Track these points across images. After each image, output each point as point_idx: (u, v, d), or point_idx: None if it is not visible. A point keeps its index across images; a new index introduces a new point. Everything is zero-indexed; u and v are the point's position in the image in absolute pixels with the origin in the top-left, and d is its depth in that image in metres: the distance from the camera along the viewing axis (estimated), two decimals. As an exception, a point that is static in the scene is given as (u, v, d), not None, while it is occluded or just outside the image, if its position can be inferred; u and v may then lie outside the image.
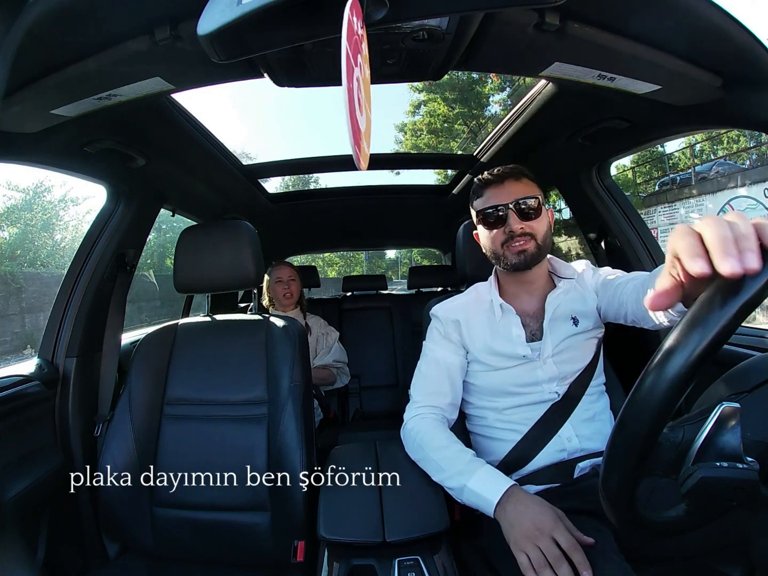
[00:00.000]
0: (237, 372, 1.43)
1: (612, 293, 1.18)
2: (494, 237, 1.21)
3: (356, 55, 0.64)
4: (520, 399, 1.20)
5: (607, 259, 1.82)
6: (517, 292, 1.29)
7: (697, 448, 0.59)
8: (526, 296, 1.28)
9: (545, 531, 0.90)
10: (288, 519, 1.27)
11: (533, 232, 1.18)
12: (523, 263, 1.19)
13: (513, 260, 1.19)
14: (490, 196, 1.21)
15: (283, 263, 2.71)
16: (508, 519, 0.95)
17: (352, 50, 0.62)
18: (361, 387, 2.98)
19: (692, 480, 0.58)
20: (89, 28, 0.84)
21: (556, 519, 0.93)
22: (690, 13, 0.84)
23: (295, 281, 2.62)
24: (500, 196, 1.19)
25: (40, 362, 1.54)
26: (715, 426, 0.60)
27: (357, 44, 0.65)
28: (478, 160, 2.14)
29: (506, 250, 1.19)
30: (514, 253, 1.18)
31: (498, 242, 1.20)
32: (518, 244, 1.18)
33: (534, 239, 1.18)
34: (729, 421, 0.60)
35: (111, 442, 1.37)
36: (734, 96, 1.04)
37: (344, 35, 0.59)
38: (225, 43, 0.72)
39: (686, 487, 0.59)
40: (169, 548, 1.34)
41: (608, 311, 1.22)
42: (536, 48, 1.00)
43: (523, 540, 0.90)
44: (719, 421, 0.60)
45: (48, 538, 1.37)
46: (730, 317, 0.47)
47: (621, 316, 1.17)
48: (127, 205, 1.70)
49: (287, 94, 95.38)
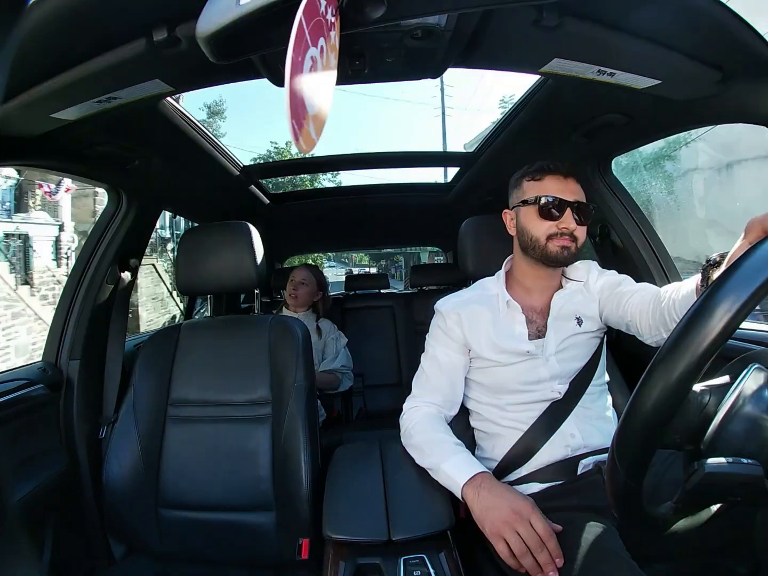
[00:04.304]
0: (241, 373, 1.44)
1: (617, 301, 1.19)
2: (543, 227, 1.19)
3: (316, 36, 0.63)
4: (523, 396, 1.20)
5: (611, 258, 1.81)
6: (532, 287, 1.28)
7: (725, 411, 0.59)
8: (538, 291, 1.28)
9: (524, 516, 0.91)
10: (293, 518, 1.27)
11: (579, 236, 1.19)
12: (563, 260, 1.19)
13: (554, 253, 1.18)
14: (552, 186, 1.19)
15: (305, 266, 2.71)
16: (482, 503, 0.97)
17: (310, 27, 0.61)
18: (364, 386, 2.97)
19: (697, 476, 0.58)
20: (88, 32, 0.85)
21: (533, 505, 0.94)
22: (689, 8, 0.84)
23: (306, 285, 2.60)
24: (564, 191, 1.18)
25: (43, 365, 1.54)
26: (743, 389, 0.60)
27: (320, 26, 0.64)
28: (478, 158, 2.13)
29: (550, 242, 1.18)
30: (558, 246, 1.18)
31: (545, 233, 1.19)
32: (564, 241, 1.18)
33: (576, 242, 1.19)
34: (758, 383, 0.60)
35: (116, 444, 1.37)
36: (734, 91, 1.03)
37: (302, 8, 0.58)
38: (224, 43, 0.72)
39: (691, 483, 0.59)
40: (175, 549, 1.34)
41: (609, 317, 1.22)
42: (535, 44, 1.00)
43: (502, 525, 0.91)
44: (748, 383, 0.60)
45: (54, 539, 1.38)
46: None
47: (622, 325, 1.19)
48: (128, 208, 1.70)
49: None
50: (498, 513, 0.93)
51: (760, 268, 0.53)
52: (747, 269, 0.54)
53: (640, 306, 1.11)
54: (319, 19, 0.63)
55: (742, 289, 0.52)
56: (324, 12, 0.64)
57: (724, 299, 0.52)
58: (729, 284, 0.54)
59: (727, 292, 0.53)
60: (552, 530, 0.90)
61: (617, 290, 1.21)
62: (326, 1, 0.64)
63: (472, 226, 1.51)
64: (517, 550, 0.88)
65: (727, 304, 0.52)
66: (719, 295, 0.53)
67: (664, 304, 1.02)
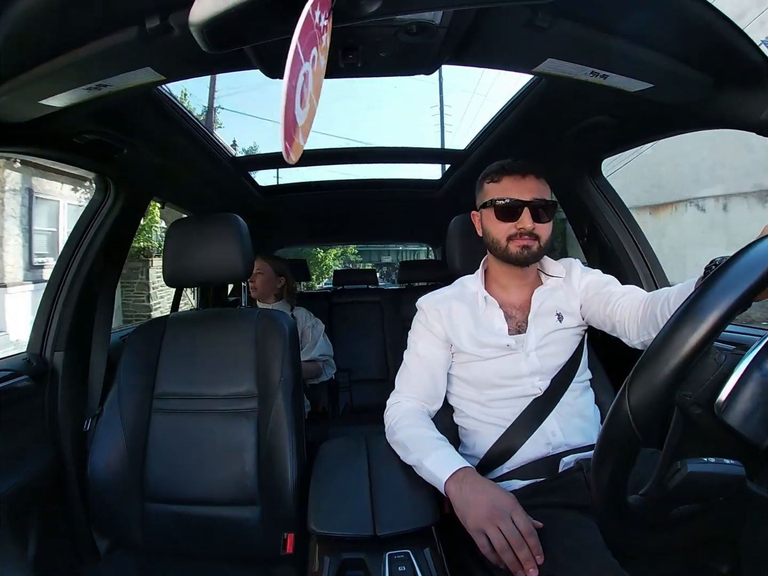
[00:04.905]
0: (227, 366, 1.43)
1: (604, 300, 1.20)
2: (502, 229, 1.20)
3: (309, 49, 0.63)
4: (504, 392, 1.21)
5: (599, 259, 1.83)
6: (507, 284, 1.30)
7: (741, 373, 0.60)
8: (515, 289, 1.29)
9: (506, 512, 0.92)
10: (278, 513, 1.27)
11: (541, 234, 1.19)
12: (524, 260, 1.20)
13: (515, 254, 1.19)
14: (509, 187, 1.20)
15: (257, 255, 2.60)
16: (464, 498, 0.97)
17: (304, 46, 0.61)
18: (351, 381, 2.99)
19: (680, 475, 0.59)
20: (79, 18, 0.83)
21: (515, 501, 0.95)
22: (683, 12, 0.84)
23: (262, 275, 2.52)
24: (520, 191, 1.18)
25: (28, 356, 1.52)
26: (760, 353, 0.61)
27: (314, 38, 0.63)
28: (469, 156, 2.14)
29: (510, 243, 1.19)
30: (518, 247, 1.19)
31: (504, 234, 1.20)
32: (524, 241, 1.18)
33: (538, 241, 1.19)
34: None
35: (101, 437, 1.36)
36: (725, 96, 1.04)
37: (298, 31, 0.58)
38: (217, 33, 0.71)
39: (674, 482, 0.60)
40: (160, 543, 1.33)
41: (593, 317, 1.24)
42: (529, 44, 1.00)
43: (483, 520, 0.92)
44: (765, 349, 0.61)
45: (38, 534, 1.36)
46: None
47: (608, 325, 1.20)
48: (116, 197, 1.68)
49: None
50: (479, 508, 0.94)
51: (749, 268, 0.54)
52: (739, 267, 0.55)
53: (630, 308, 1.12)
54: (312, 31, 0.63)
55: (731, 290, 0.53)
56: (318, 21, 0.64)
57: (717, 296, 0.53)
58: (720, 282, 0.55)
59: (719, 290, 0.54)
60: (533, 527, 0.90)
61: (604, 290, 1.22)
62: (320, 9, 0.63)
63: (461, 224, 1.52)
64: (498, 545, 0.88)
65: (719, 302, 0.53)
66: (712, 292, 0.54)
67: (659, 304, 1.02)
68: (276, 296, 2.62)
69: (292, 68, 0.59)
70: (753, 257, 0.57)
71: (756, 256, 0.57)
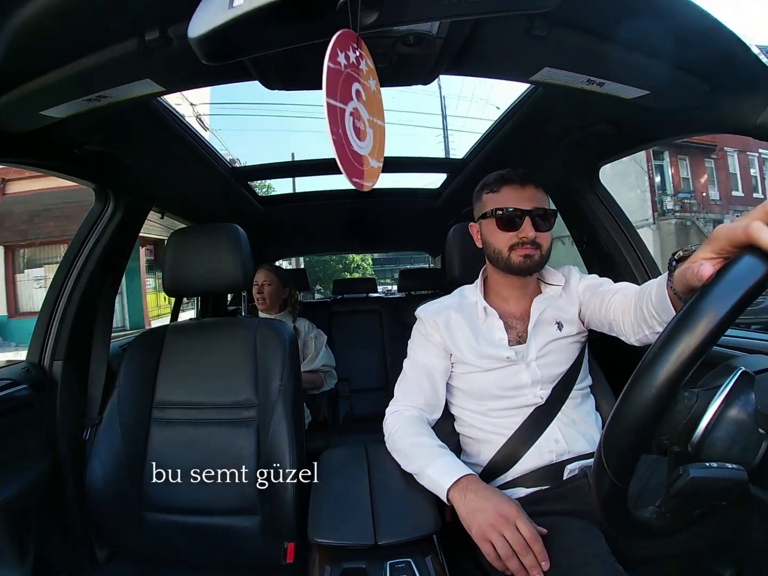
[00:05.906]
0: (226, 375, 1.43)
1: (599, 301, 1.19)
2: (504, 238, 1.20)
3: (348, 90, 0.63)
4: (506, 402, 1.21)
5: (597, 265, 1.83)
6: (507, 295, 1.29)
7: (712, 413, 0.60)
8: (514, 299, 1.29)
9: (510, 519, 0.91)
10: (278, 522, 1.26)
11: (542, 242, 1.19)
12: (527, 269, 1.20)
13: (517, 264, 1.19)
14: (509, 196, 1.20)
15: (262, 266, 2.62)
16: (468, 505, 0.97)
17: (340, 95, 0.61)
18: (351, 390, 2.98)
19: (682, 480, 0.59)
20: (79, 30, 0.84)
21: (519, 508, 0.94)
22: (678, 19, 0.85)
23: (271, 285, 2.54)
24: (521, 200, 1.18)
25: (27, 365, 1.52)
26: (731, 391, 0.61)
27: (349, 78, 0.63)
28: (467, 165, 2.14)
29: (512, 253, 1.19)
30: (521, 256, 1.18)
31: (506, 244, 1.19)
32: (526, 251, 1.18)
33: (540, 250, 1.19)
34: (745, 387, 0.61)
35: (100, 446, 1.35)
36: (721, 101, 1.04)
37: (324, 89, 0.59)
38: (216, 45, 0.72)
39: (676, 488, 0.59)
40: (159, 552, 1.33)
41: (592, 319, 1.23)
42: (526, 53, 1.01)
43: (487, 528, 0.91)
44: (735, 386, 0.61)
45: (37, 543, 1.35)
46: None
47: (605, 325, 1.19)
48: (115, 207, 1.68)
49: (277, 94, 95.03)
50: (484, 516, 0.93)
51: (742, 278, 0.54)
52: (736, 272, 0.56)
53: (622, 305, 1.11)
54: (345, 72, 0.62)
55: (728, 295, 0.53)
56: (347, 60, 0.64)
57: (712, 302, 0.53)
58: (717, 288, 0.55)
59: (714, 296, 0.54)
60: (538, 534, 0.90)
61: (599, 290, 1.22)
62: (341, 50, 0.63)
63: (460, 233, 1.52)
64: (503, 552, 0.88)
65: (714, 307, 0.53)
66: (708, 298, 0.54)
67: (644, 300, 1.01)
68: (279, 307, 2.63)
69: (331, 123, 0.59)
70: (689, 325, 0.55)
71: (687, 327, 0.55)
